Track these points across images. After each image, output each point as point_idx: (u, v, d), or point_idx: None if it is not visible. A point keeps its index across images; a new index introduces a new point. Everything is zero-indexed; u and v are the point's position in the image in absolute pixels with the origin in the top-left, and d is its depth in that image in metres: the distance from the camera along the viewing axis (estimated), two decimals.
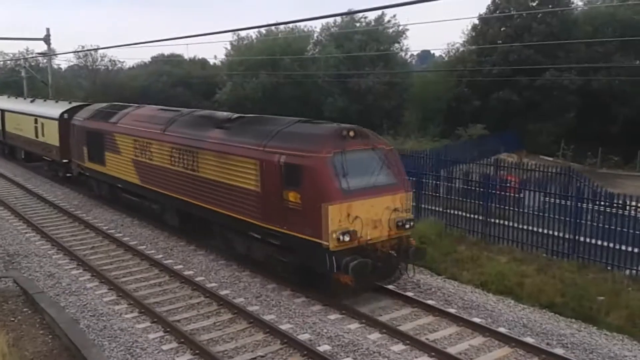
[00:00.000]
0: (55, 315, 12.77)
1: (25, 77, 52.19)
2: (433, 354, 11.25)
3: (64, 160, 27.50)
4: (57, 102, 32.73)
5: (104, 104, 25.76)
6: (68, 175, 27.75)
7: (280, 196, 13.52)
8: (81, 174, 25.54)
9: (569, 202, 16.96)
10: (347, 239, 12.66)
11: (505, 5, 44.26)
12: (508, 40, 41.73)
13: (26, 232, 20.46)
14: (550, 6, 42.46)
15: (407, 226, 13.78)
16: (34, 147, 31.54)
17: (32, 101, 35.38)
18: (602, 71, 39.23)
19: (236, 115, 17.25)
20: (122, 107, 23.63)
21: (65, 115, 27.48)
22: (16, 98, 40.81)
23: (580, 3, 47.26)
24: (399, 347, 11.65)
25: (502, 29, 44.35)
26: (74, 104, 29.06)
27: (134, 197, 21.17)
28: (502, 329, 12.43)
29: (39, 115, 30.54)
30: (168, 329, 12.43)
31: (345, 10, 40.35)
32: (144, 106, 23.05)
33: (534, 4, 44.35)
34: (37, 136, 30.67)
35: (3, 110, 36.77)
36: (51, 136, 28.62)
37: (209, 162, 16.13)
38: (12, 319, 13.13)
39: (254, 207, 14.43)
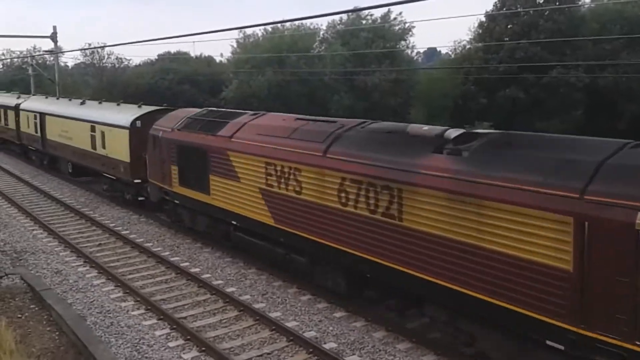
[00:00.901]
0: (62, 312, 12.83)
1: (33, 75, 52.36)
2: (439, 351, 11.24)
3: (136, 181, 21.66)
4: (118, 104, 26.07)
5: (198, 110, 19.70)
6: (140, 199, 22.19)
7: (633, 286, 7.78)
8: (165, 200, 19.69)
9: None
10: None
11: (512, 3, 44.11)
12: (515, 38, 41.61)
13: (33, 229, 20.55)
14: (557, 3, 42.30)
15: None
16: (89, 160, 25.51)
17: (82, 103, 28.98)
18: (608, 68, 39.07)
19: (457, 131, 11.41)
20: (229, 114, 17.67)
21: (138, 123, 21.67)
22: (57, 99, 34.57)
23: (587, 0, 47.10)
24: (404, 345, 11.64)
25: (508, 26, 44.23)
26: (149, 109, 22.85)
27: (259, 240, 15.25)
28: None
29: (98, 122, 24.45)
30: (174, 326, 12.47)
31: (351, 8, 40.37)
32: (266, 114, 16.82)
33: (541, 1, 44.19)
34: (94, 147, 24.59)
35: (42, 114, 31.05)
36: (118, 149, 22.54)
37: (431, 208, 10.32)
38: (20, 315, 13.19)
39: (556, 296, 8.59)
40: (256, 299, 14.10)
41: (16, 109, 35.36)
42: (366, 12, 52.80)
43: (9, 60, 71.84)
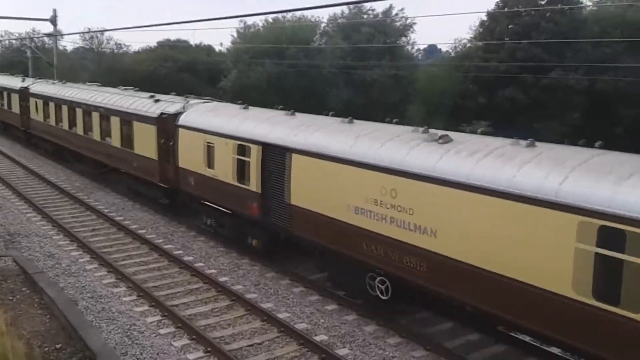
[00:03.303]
0: (54, 295, 12.84)
1: (31, 58, 52.13)
2: (429, 347, 11.29)
3: None
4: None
5: None
6: None
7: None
8: None
9: None
10: None
11: (514, 3, 44.08)
12: (515, 38, 41.57)
13: (27, 212, 20.49)
14: (559, 5, 42.30)
15: None
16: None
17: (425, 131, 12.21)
18: (608, 72, 39.10)
19: None
20: None
21: None
22: (321, 117, 15.67)
23: (589, 3, 47.12)
24: (395, 339, 11.68)
25: (509, 26, 44.17)
26: None
27: None
28: None
29: None
30: (166, 314, 12.48)
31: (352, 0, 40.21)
32: None
33: (543, 2, 44.18)
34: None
35: (311, 155, 13.25)
36: None
37: None
38: (11, 297, 13.19)
39: None
40: (248, 289, 14.11)
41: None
42: (368, 6, 52.70)
43: (7, 42, 71.51)
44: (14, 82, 36.73)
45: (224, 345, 11.22)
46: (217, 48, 68.25)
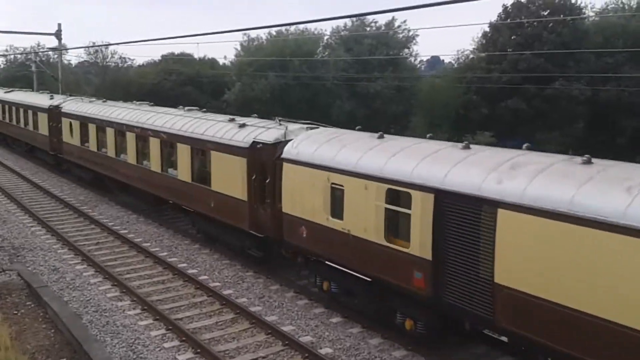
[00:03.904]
0: (58, 309, 12.83)
1: (36, 72, 52.46)
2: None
3: None
4: None
5: None
6: None
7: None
8: None
9: None
10: None
11: (517, 14, 44.25)
12: (518, 49, 41.70)
13: (32, 226, 20.53)
14: (561, 16, 42.43)
15: None
16: None
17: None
18: (611, 82, 39.16)
19: None
20: None
21: None
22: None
23: (591, 14, 47.26)
24: (400, 352, 11.63)
25: (512, 37, 44.33)
26: None
27: None
28: None
29: None
30: (170, 327, 12.46)
31: (356, 13, 40.45)
32: None
33: (545, 13, 44.34)
34: None
35: (537, 213, 8.75)
36: None
37: None
38: (15, 312, 13.19)
39: None
40: (253, 302, 14.08)
41: None
42: (370, 18, 53.04)
43: (12, 56, 71.97)
44: (41, 99, 32.89)
45: (228, 359, 11.19)
46: (221, 61, 68.68)
